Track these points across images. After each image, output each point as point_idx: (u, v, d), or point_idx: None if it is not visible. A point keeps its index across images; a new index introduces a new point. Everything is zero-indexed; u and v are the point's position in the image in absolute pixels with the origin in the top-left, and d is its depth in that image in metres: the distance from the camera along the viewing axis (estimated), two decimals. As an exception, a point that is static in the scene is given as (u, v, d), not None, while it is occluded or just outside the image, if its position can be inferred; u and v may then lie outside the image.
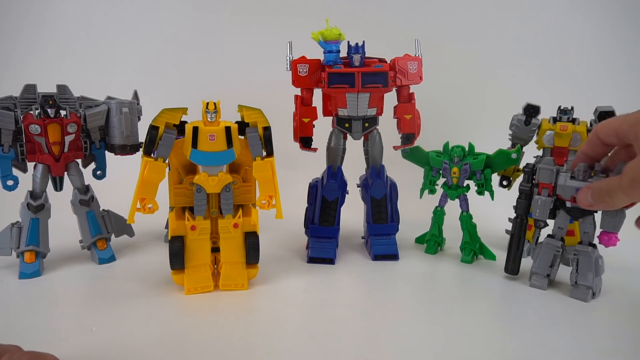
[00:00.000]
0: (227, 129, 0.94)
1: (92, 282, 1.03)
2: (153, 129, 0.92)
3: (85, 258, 1.15)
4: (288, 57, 1.13)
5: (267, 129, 0.96)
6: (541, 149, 1.24)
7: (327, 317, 0.89)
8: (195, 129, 0.92)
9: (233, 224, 0.97)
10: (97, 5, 1.87)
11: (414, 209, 1.33)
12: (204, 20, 1.91)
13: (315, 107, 1.15)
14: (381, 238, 1.19)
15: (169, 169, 0.98)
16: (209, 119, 0.94)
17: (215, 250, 1.01)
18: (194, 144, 0.92)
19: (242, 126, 0.97)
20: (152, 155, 0.93)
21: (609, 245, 0.98)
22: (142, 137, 1.15)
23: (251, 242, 0.99)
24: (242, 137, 0.98)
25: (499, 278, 1.09)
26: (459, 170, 1.16)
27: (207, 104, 0.94)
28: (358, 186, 1.24)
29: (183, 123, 0.96)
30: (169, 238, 0.97)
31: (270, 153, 0.97)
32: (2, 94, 1.03)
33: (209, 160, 0.94)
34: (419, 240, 1.32)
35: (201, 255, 0.98)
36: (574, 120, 1.20)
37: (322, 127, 1.20)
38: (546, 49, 1.83)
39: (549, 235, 1.04)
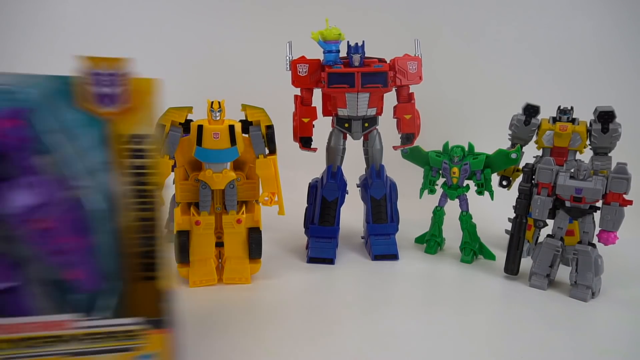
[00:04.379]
0: (231, 128, 0.96)
1: (91, 282, 1.03)
2: (159, 126, 0.95)
3: (85, 258, 1.15)
4: (288, 57, 1.13)
5: (269, 128, 0.99)
6: (541, 149, 1.24)
7: (327, 317, 0.89)
8: (200, 127, 0.95)
9: (236, 220, 1.00)
10: (97, 4, 1.87)
11: (414, 209, 1.33)
12: (203, 20, 1.91)
13: (315, 107, 1.15)
14: (381, 238, 1.19)
15: (176, 166, 1.00)
16: (213, 118, 0.96)
17: (220, 245, 1.03)
18: (199, 141, 0.95)
19: (246, 125, 1.00)
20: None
21: (608, 244, 0.98)
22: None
23: (254, 237, 1.01)
24: (246, 135, 1.00)
25: (499, 278, 1.09)
26: (458, 170, 1.17)
27: (212, 103, 0.96)
28: (358, 186, 1.24)
29: (188, 121, 0.98)
30: (175, 232, 0.99)
31: (272, 151, 1.00)
32: (2, 94, 1.03)
33: (213, 158, 0.97)
34: (419, 240, 1.32)
35: (206, 249, 1.01)
36: (573, 120, 1.19)
37: (322, 127, 1.20)
38: (546, 48, 1.83)
39: (548, 235, 1.04)
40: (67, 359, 0.59)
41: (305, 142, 1.17)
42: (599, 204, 0.98)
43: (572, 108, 1.20)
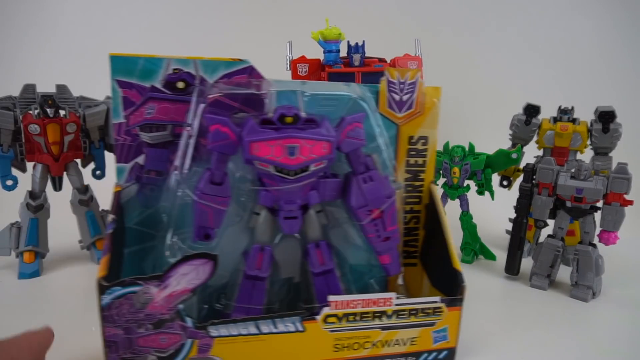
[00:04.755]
0: None
1: (91, 282, 1.02)
2: None
3: (85, 258, 1.15)
4: (288, 57, 1.12)
5: None
6: (541, 149, 1.24)
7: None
8: None
9: None
10: (97, 4, 1.87)
11: (414, 209, 1.33)
12: (204, 20, 1.91)
13: (315, 107, 1.15)
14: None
15: None
16: None
17: None
18: None
19: None
20: None
21: (609, 244, 0.98)
22: (141, 137, 1.16)
23: None
24: None
25: (499, 278, 1.09)
26: (459, 170, 1.16)
27: None
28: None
29: None
30: None
31: None
32: (2, 94, 1.03)
33: None
34: (419, 240, 1.31)
35: None
36: (574, 120, 1.19)
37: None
38: (547, 49, 1.83)
39: (549, 236, 1.04)
40: (379, 332, 0.69)
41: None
42: (600, 204, 0.98)
43: (572, 108, 1.20)
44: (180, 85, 0.70)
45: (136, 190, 0.73)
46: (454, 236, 1.25)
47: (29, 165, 1.07)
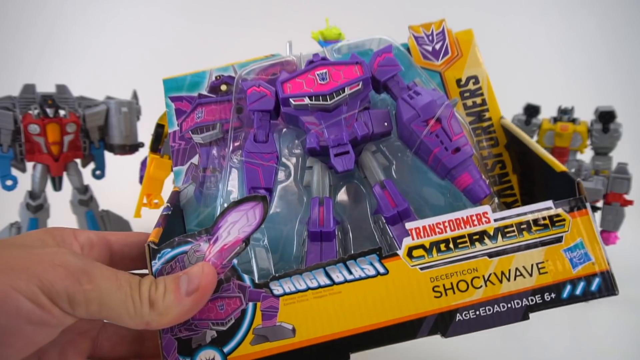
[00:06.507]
0: None
1: (91, 282, 1.03)
2: (159, 127, 0.96)
3: (85, 258, 1.15)
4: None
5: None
6: (541, 149, 1.24)
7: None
8: None
9: None
10: (96, 5, 1.87)
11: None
12: (204, 20, 1.91)
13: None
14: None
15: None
16: None
17: None
18: None
19: None
20: (158, 152, 0.97)
21: (609, 244, 0.98)
22: (141, 137, 1.16)
23: None
24: None
25: (499, 278, 1.09)
26: (459, 170, 1.16)
27: None
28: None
29: None
30: None
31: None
32: (2, 94, 1.03)
33: None
34: (419, 240, 1.31)
35: None
36: (574, 120, 1.19)
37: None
38: (547, 48, 1.83)
39: (549, 235, 1.04)
40: (488, 261, 0.52)
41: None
42: (600, 204, 0.98)
43: (572, 108, 1.20)
44: (223, 87, 0.76)
45: (193, 190, 0.75)
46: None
47: (29, 165, 1.07)
